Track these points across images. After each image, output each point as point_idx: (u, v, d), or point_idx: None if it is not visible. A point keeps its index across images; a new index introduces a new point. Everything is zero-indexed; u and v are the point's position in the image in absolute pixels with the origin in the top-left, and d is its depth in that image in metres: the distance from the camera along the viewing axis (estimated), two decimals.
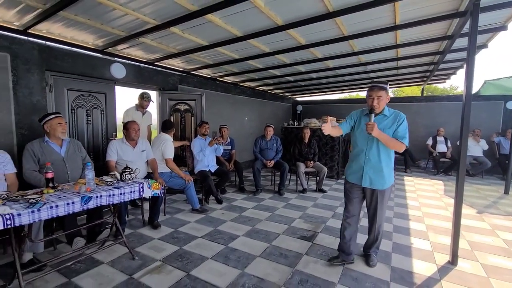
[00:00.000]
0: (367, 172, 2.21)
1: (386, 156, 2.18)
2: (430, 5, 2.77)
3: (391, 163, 2.22)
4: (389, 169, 2.20)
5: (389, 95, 2.18)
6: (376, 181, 2.20)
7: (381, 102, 2.13)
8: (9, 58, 2.79)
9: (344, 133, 2.34)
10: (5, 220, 1.55)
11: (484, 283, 2.19)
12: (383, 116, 2.20)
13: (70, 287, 2.03)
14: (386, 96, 2.15)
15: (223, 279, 2.15)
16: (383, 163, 2.17)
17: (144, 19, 2.85)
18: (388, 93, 2.16)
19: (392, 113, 2.20)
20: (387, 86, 2.13)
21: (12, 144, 2.83)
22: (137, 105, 4.05)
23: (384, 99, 2.13)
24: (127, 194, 2.26)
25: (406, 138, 2.11)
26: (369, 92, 2.16)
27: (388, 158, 2.20)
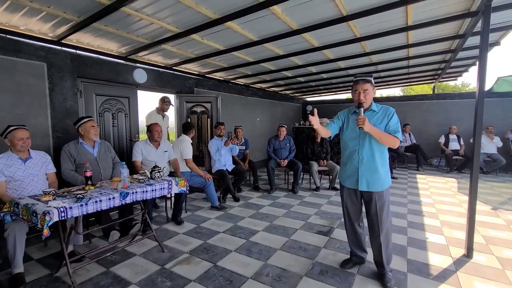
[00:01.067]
0: (363, 174, 2.05)
1: (380, 154, 2.04)
2: (442, 6, 2.85)
3: (386, 162, 2.08)
4: (385, 169, 2.06)
5: (375, 89, 2.10)
6: (373, 183, 2.04)
7: (368, 96, 2.01)
8: (46, 67, 3.03)
9: (332, 135, 2.21)
10: (60, 213, 1.74)
11: (499, 275, 2.26)
12: (372, 112, 2.08)
13: (109, 275, 2.22)
14: (373, 90, 2.05)
15: (248, 269, 2.31)
16: (378, 163, 2.03)
17: (168, 27, 3.04)
18: (373, 86, 2.06)
19: (380, 108, 2.08)
20: (371, 79, 2.04)
21: (48, 146, 3.07)
22: (157, 109, 4.26)
23: (370, 92, 2.02)
24: (158, 191, 2.45)
25: (399, 132, 2.00)
26: (355, 86, 2.04)
27: (383, 156, 2.06)
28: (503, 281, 2.17)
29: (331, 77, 6.35)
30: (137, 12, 2.68)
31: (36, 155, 2.52)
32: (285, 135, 5.09)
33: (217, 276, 2.21)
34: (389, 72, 6.00)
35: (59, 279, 2.16)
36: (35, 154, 2.51)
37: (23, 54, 2.86)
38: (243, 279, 2.17)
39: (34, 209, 1.77)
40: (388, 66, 5.46)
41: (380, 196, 2.05)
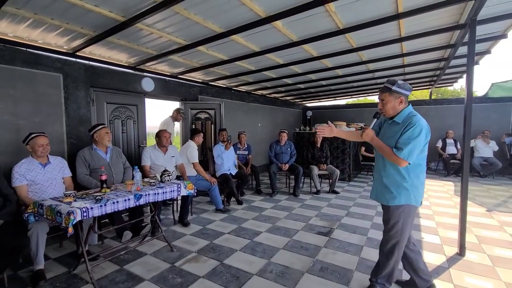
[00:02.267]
0: (375, 183, 2.00)
1: (394, 167, 1.83)
2: (432, 19, 3.06)
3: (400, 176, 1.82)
4: (396, 183, 1.82)
5: (400, 99, 1.80)
6: (380, 194, 1.92)
7: (386, 106, 1.83)
8: (62, 77, 3.23)
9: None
10: (82, 212, 1.91)
11: (489, 271, 2.40)
12: (393, 123, 1.87)
13: (123, 272, 2.38)
14: (394, 100, 1.80)
15: (253, 267, 2.46)
16: (390, 175, 1.85)
17: (176, 40, 3.25)
18: (395, 95, 1.79)
19: (404, 119, 1.81)
20: (393, 87, 1.78)
21: (63, 151, 3.25)
22: (172, 117, 4.51)
23: (389, 102, 1.81)
24: (169, 193, 2.61)
25: (403, 150, 1.70)
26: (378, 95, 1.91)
27: (396, 170, 1.82)
28: (492, 276, 2.32)
29: (330, 83, 6.55)
30: (148, 27, 2.89)
31: (54, 160, 2.70)
32: (286, 140, 5.26)
33: (224, 273, 2.36)
34: (386, 79, 6.20)
35: (76, 276, 2.31)
36: (53, 159, 2.70)
37: (41, 66, 3.07)
38: (249, 276, 2.32)
39: (58, 209, 1.94)
40: (385, 74, 5.67)
41: (386, 211, 1.90)
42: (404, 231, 1.86)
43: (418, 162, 1.81)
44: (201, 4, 2.44)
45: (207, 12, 2.61)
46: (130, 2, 2.36)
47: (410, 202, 1.82)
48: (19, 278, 2.27)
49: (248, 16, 2.71)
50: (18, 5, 2.31)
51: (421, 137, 1.72)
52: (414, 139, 1.71)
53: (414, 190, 1.82)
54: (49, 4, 2.30)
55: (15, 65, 2.85)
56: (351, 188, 5.59)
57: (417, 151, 1.73)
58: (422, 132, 1.72)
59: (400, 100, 1.81)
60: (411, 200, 1.82)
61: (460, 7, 2.79)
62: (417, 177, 1.83)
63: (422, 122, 1.75)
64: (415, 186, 1.82)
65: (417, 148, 1.73)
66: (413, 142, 1.71)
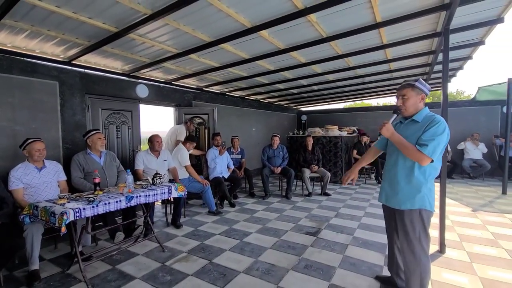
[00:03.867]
0: (383, 185, 1.95)
1: (411, 169, 1.77)
2: (411, 28, 3.22)
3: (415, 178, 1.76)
4: (411, 185, 1.77)
5: (422, 95, 1.79)
6: (391, 198, 1.86)
7: (407, 102, 1.79)
8: (58, 85, 3.37)
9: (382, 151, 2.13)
10: (75, 213, 2.02)
11: (466, 267, 2.52)
12: (411, 122, 1.82)
13: (115, 271, 2.47)
14: (416, 96, 1.77)
15: (240, 265, 2.56)
16: (403, 176, 1.81)
17: (168, 48, 3.40)
18: (419, 92, 1.78)
19: (424, 118, 1.76)
20: (415, 83, 1.77)
21: (59, 156, 3.36)
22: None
23: (410, 99, 1.78)
24: (159, 195, 2.73)
25: (428, 146, 1.63)
26: (397, 92, 1.87)
27: (415, 172, 1.76)
28: (469, 272, 2.43)
29: (322, 88, 6.72)
30: (141, 37, 3.04)
31: (50, 164, 2.81)
32: (279, 144, 5.39)
33: (212, 271, 2.46)
34: (375, 83, 6.38)
35: (70, 275, 2.40)
36: (48, 163, 2.81)
37: (38, 74, 3.20)
38: (235, 273, 2.42)
39: (52, 210, 2.05)
40: (373, 78, 5.84)
41: (400, 216, 1.82)
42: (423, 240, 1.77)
43: (435, 166, 1.76)
44: (189, 16, 2.59)
45: (195, 23, 2.76)
46: (122, 15, 2.50)
47: (425, 207, 1.75)
48: (14, 278, 2.36)
49: (234, 26, 2.86)
50: (16, 18, 2.45)
51: (445, 135, 1.67)
52: (438, 136, 1.65)
53: (429, 194, 1.76)
54: (45, 17, 2.44)
55: (13, 74, 2.99)
56: (343, 190, 5.71)
57: (441, 148, 1.67)
58: (446, 130, 1.68)
59: (421, 97, 1.79)
60: (426, 204, 1.75)
61: (436, 16, 2.96)
62: (431, 180, 1.77)
63: (442, 120, 1.71)
64: (429, 189, 1.76)
65: (441, 146, 1.67)
66: (438, 138, 1.64)
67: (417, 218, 1.76)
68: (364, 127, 8.28)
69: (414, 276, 1.81)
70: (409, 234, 1.79)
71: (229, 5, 2.42)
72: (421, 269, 1.78)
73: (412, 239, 1.78)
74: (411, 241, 1.79)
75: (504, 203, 4.63)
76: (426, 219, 1.78)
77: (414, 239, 1.78)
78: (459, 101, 8.46)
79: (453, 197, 5.07)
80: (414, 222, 1.77)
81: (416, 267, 1.79)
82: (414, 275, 1.81)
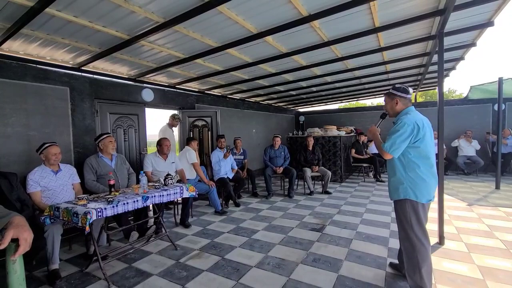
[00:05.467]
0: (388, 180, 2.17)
1: (393, 164, 1.99)
2: (407, 31, 3.40)
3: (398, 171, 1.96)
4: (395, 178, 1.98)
5: (396, 100, 2.01)
6: (389, 191, 2.10)
7: (386, 107, 2.10)
8: (69, 91, 3.46)
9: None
10: (97, 212, 2.12)
11: (465, 257, 2.67)
12: (394, 123, 2.04)
13: (132, 269, 2.57)
14: (391, 101, 2.03)
15: (252, 260, 2.68)
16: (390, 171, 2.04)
17: (175, 54, 3.52)
18: (392, 96, 2.03)
19: (396, 119, 2.02)
20: (392, 91, 2.03)
21: (70, 160, 3.45)
22: (168, 124, 4.72)
23: (387, 104, 2.07)
24: (172, 195, 2.84)
25: (386, 143, 1.92)
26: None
27: (395, 166, 1.97)
28: (467, 261, 2.59)
29: (320, 90, 6.89)
30: (150, 43, 3.15)
31: (65, 167, 2.91)
32: (280, 145, 5.53)
33: (226, 266, 2.58)
34: (372, 84, 6.57)
35: (89, 274, 2.50)
36: (63, 167, 2.90)
37: (50, 80, 3.30)
38: (248, 268, 2.54)
39: (75, 211, 2.15)
40: (370, 80, 6.02)
41: (394, 206, 2.06)
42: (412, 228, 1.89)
43: (410, 159, 1.91)
44: (198, 23, 2.72)
45: (204, 30, 2.89)
46: (136, 23, 2.62)
47: (409, 197, 1.90)
48: (35, 278, 2.45)
49: (241, 32, 3.00)
50: (33, 28, 2.55)
51: (403, 131, 1.85)
52: (395, 133, 1.88)
53: (413, 186, 1.90)
54: (62, 26, 2.55)
55: (26, 81, 3.08)
56: (343, 189, 5.87)
57: (399, 145, 1.86)
58: (405, 127, 1.85)
59: (395, 101, 2.01)
60: (410, 194, 1.90)
61: (430, 21, 3.13)
62: (413, 172, 1.90)
63: (407, 120, 1.88)
64: (413, 181, 1.90)
65: (399, 142, 1.86)
66: (394, 136, 1.87)
67: (405, 208, 1.93)
68: (361, 127, 8.49)
69: (412, 263, 1.92)
70: (402, 222, 1.96)
71: (238, 13, 2.56)
72: (417, 256, 1.89)
73: (406, 227, 1.94)
74: (405, 229, 1.95)
75: (497, 197, 4.83)
76: (415, 209, 1.91)
77: (408, 227, 1.93)
78: (452, 100, 8.71)
79: (449, 192, 5.26)
80: (404, 211, 1.94)
81: (412, 254, 1.91)
82: (411, 262, 1.93)
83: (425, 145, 1.89)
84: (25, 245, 1.21)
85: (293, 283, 2.26)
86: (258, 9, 2.50)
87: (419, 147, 1.89)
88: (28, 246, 1.23)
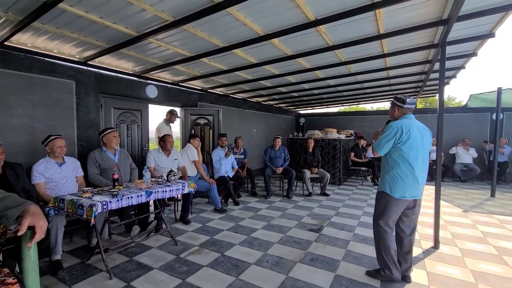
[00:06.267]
0: None
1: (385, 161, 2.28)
2: (411, 39, 3.46)
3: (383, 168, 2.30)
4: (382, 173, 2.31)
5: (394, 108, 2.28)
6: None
7: (389, 113, 2.39)
8: (74, 84, 3.49)
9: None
10: (102, 205, 2.16)
11: (458, 261, 2.74)
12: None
13: (133, 262, 2.61)
14: (392, 109, 2.32)
15: (251, 257, 2.73)
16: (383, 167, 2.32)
17: (181, 52, 3.56)
18: (392, 105, 2.30)
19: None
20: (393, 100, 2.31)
21: (74, 153, 3.48)
22: (165, 120, 4.73)
23: (390, 111, 2.36)
24: (174, 191, 2.88)
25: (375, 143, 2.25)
26: None
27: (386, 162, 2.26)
28: (461, 265, 2.65)
29: (322, 92, 6.95)
30: (158, 41, 3.19)
31: (69, 160, 2.94)
32: (280, 145, 5.59)
33: (225, 263, 2.63)
34: (373, 89, 6.64)
35: (90, 265, 2.54)
36: (67, 159, 2.93)
37: (56, 73, 3.32)
38: (247, 265, 2.59)
39: (80, 203, 2.18)
40: (372, 84, 6.09)
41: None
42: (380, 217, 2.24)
43: (394, 158, 2.18)
44: (207, 23, 2.77)
45: (212, 30, 2.93)
46: (145, 21, 2.66)
47: (385, 190, 2.22)
48: None
49: (248, 34, 3.05)
50: (44, 21, 2.58)
51: (388, 133, 2.15)
52: (382, 135, 2.21)
53: (391, 182, 2.19)
54: (72, 20, 2.58)
55: (33, 73, 3.11)
56: (341, 191, 5.94)
57: (384, 144, 2.17)
58: (390, 130, 2.15)
59: (394, 109, 2.29)
60: (386, 188, 2.22)
61: (433, 30, 3.20)
62: (393, 170, 2.18)
63: (394, 124, 2.17)
64: (392, 178, 2.18)
65: (384, 142, 2.17)
66: (380, 137, 2.22)
67: (380, 198, 2.28)
68: (360, 131, 8.56)
69: (377, 245, 2.32)
70: (375, 210, 2.33)
71: (246, 15, 2.61)
72: (380, 241, 2.27)
73: (375, 214, 2.31)
74: (375, 216, 2.31)
75: (492, 205, 4.91)
76: (387, 201, 2.21)
77: (376, 215, 2.30)
78: (452, 108, 8.83)
79: (445, 198, 5.34)
80: (378, 201, 2.31)
81: (378, 238, 2.29)
82: (377, 245, 2.32)
83: (408, 148, 2.12)
84: (41, 232, 1.25)
85: (291, 281, 2.31)
86: (267, 12, 2.55)
87: (402, 149, 2.13)
88: (43, 233, 1.28)
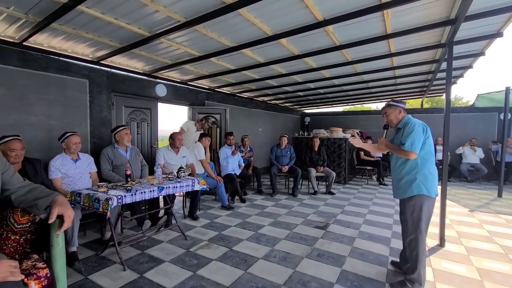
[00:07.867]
0: (393, 183, 2.35)
1: (404, 164, 2.17)
2: (418, 39, 3.48)
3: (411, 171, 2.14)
4: (409, 177, 2.13)
5: (398, 110, 2.28)
6: (396, 190, 2.27)
7: (388, 118, 2.31)
8: (88, 83, 3.60)
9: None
10: (118, 199, 2.26)
11: (464, 258, 2.77)
12: (398, 129, 2.31)
13: (145, 255, 2.71)
14: (394, 111, 2.29)
15: (259, 252, 2.80)
16: (401, 172, 2.19)
17: (191, 52, 3.64)
18: (395, 108, 2.29)
19: (403, 125, 2.22)
20: (393, 103, 2.31)
21: (87, 150, 3.59)
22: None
23: (390, 114, 2.30)
24: (185, 187, 2.97)
25: (405, 144, 2.08)
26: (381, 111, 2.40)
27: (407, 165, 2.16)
28: (466, 263, 2.68)
29: (327, 92, 6.99)
30: (169, 41, 3.28)
31: (83, 156, 3.05)
32: (286, 144, 5.64)
33: (234, 257, 2.70)
34: (379, 88, 6.65)
35: (104, 258, 2.64)
36: (82, 156, 3.04)
37: (71, 72, 3.44)
38: (255, 259, 2.66)
39: (96, 197, 2.28)
40: (378, 84, 6.11)
41: (403, 203, 2.21)
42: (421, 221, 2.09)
43: (422, 156, 2.11)
44: (217, 24, 2.84)
45: (222, 30, 3.01)
46: (158, 22, 2.75)
47: (422, 192, 2.09)
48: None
49: (257, 34, 3.11)
50: (61, 22, 2.68)
51: (417, 130, 2.09)
52: (411, 133, 2.09)
53: (425, 181, 2.09)
54: (88, 21, 2.68)
55: (49, 72, 3.22)
56: (346, 190, 5.97)
57: (418, 142, 2.07)
58: (417, 126, 2.10)
59: (398, 111, 2.30)
60: (422, 190, 2.09)
61: (441, 29, 3.22)
62: (425, 168, 2.10)
63: (415, 121, 2.17)
64: (425, 177, 2.09)
65: (418, 140, 2.07)
66: (411, 135, 2.08)
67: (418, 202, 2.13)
68: (365, 130, 8.56)
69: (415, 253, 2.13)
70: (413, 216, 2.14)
71: (256, 16, 2.68)
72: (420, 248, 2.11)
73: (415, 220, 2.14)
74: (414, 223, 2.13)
75: (499, 205, 4.90)
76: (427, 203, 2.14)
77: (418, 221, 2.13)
78: (459, 107, 8.76)
79: (452, 198, 5.34)
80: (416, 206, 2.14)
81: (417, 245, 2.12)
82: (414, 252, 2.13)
83: (430, 144, 2.15)
84: (69, 221, 1.35)
85: (298, 275, 2.38)
86: (276, 12, 2.61)
87: (429, 144, 2.14)
88: (71, 222, 1.37)
